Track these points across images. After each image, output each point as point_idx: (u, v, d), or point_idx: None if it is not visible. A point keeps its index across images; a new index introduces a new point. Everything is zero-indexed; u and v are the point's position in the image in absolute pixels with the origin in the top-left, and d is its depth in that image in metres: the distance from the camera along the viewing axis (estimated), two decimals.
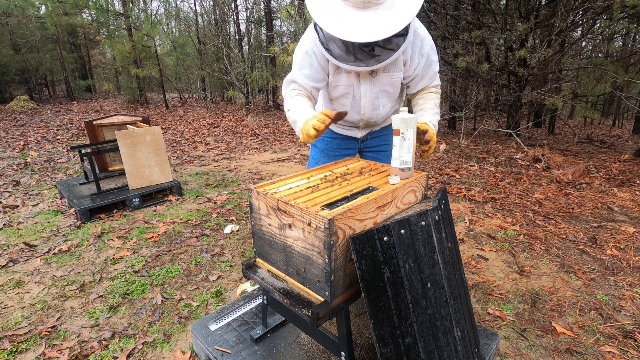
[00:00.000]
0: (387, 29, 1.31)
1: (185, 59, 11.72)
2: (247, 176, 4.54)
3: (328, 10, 1.39)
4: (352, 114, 1.72)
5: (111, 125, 3.91)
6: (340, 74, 1.59)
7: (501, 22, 6.21)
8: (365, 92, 1.62)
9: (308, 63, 1.55)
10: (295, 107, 1.54)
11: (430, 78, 1.64)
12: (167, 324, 1.92)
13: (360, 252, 1.09)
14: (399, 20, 1.32)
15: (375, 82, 1.59)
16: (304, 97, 1.59)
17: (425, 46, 1.53)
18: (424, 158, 5.25)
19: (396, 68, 1.56)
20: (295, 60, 1.59)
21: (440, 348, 1.13)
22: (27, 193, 3.84)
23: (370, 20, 1.33)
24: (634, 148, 6.07)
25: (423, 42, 1.52)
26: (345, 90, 1.63)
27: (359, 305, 1.76)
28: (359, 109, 1.69)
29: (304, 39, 1.57)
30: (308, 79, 1.58)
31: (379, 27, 1.32)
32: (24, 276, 2.34)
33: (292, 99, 1.59)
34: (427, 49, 1.54)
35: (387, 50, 1.42)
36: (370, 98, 1.63)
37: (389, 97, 1.68)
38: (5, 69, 11.95)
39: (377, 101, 1.66)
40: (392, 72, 1.57)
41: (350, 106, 1.69)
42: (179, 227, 3.04)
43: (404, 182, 1.33)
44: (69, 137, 6.84)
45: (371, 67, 1.46)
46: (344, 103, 1.69)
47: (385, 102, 1.68)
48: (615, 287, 2.22)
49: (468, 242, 2.81)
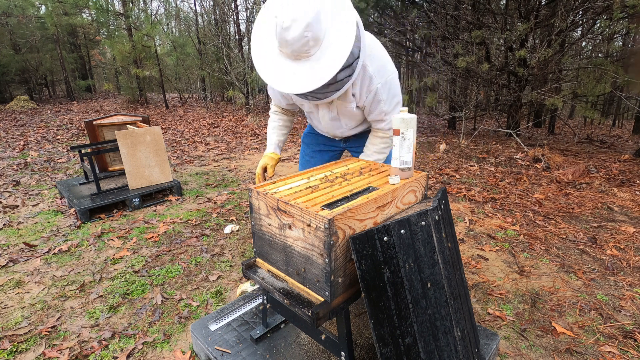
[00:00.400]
0: (313, 82, 1.35)
1: (185, 59, 11.73)
2: (247, 176, 4.54)
3: (265, 56, 1.45)
4: (320, 127, 1.89)
5: (111, 125, 3.91)
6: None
7: (501, 22, 6.21)
8: (323, 115, 1.74)
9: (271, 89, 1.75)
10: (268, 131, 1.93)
11: (378, 114, 1.64)
12: (167, 324, 1.92)
13: (360, 252, 1.09)
14: (324, 74, 1.36)
15: (332, 107, 1.68)
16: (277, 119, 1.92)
17: (373, 84, 1.54)
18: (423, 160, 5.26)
19: (347, 99, 1.60)
20: None
21: (440, 348, 1.13)
22: (27, 193, 3.84)
23: (300, 72, 1.38)
24: (634, 148, 6.07)
25: (372, 80, 1.54)
26: (309, 109, 1.80)
27: (359, 305, 1.76)
28: (321, 128, 1.88)
29: None
30: (279, 102, 1.84)
31: (306, 80, 1.37)
32: (24, 276, 2.34)
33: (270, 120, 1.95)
34: (375, 87, 1.55)
35: (326, 93, 1.48)
36: (328, 120, 1.76)
37: (351, 118, 1.73)
38: (5, 69, 11.95)
39: (338, 122, 1.76)
40: (345, 102, 1.62)
41: (315, 124, 1.90)
42: (179, 227, 3.04)
43: (404, 182, 1.33)
44: (69, 137, 6.84)
45: (316, 102, 1.60)
46: (311, 118, 1.88)
47: (348, 122, 1.76)
48: (615, 287, 2.22)
49: (468, 242, 2.81)
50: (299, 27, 1.30)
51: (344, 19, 1.35)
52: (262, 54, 1.46)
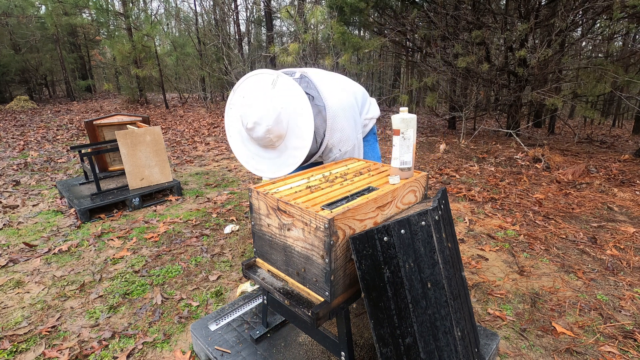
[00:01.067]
0: (281, 169, 1.58)
1: (185, 59, 11.72)
2: (247, 176, 4.54)
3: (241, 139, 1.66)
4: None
5: (111, 125, 3.91)
6: None
7: (501, 22, 6.21)
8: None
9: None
10: None
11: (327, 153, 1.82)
12: (167, 324, 1.92)
13: (360, 252, 1.09)
14: (286, 166, 1.57)
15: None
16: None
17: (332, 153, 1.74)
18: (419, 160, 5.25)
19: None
20: None
21: (440, 348, 1.13)
22: (27, 193, 3.84)
23: (267, 160, 1.61)
24: (634, 148, 6.07)
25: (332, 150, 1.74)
26: None
27: (359, 305, 1.76)
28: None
29: None
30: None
31: (275, 167, 1.60)
32: (24, 276, 2.34)
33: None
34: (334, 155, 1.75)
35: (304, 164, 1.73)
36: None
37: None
38: (5, 69, 11.95)
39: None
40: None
41: None
42: (179, 227, 3.04)
43: (404, 182, 1.33)
44: (69, 137, 6.84)
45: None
46: None
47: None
48: (615, 287, 2.22)
49: (468, 242, 2.81)
50: (261, 130, 1.47)
51: (303, 121, 1.52)
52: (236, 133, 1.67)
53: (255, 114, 1.46)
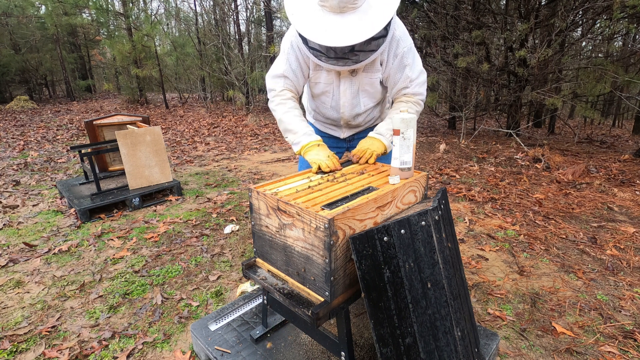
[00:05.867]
0: (363, 32, 1.31)
1: (185, 59, 11.72)
2: (247, 176, 4.54)
3: (306, 14, 1.39)
4: (332, 112, 1.75)
5: (111, 125, 3.91)
6: (320, 71, 1.61)
7: (501, 22, 6.21)
8: (344, 90, 1.64)
9: (294, 56, 1.58)
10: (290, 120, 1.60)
11: (403, 81, 1.60)
12: (167, 324, 1.92)
13: (360, 252, 1.09)
14: (375, 23, 1.32)
15: (355, 81, 1.61)
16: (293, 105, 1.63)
17: (400, 47, 1.52)
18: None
19: (374, 68, 1.57)
20: (283, 49, 1.61)
21: (440, 348, 1.13)
22: (27, 193, 3.84)
23: (347, 25, 1.33)
24: (634, 148, 6.07)
25: (399, 43, 1.52)
26: (325, 88, 1.66)
27: (359, 305, 1.76)
28: (338, 108, 1.72)
29: (291, 30, 1.59)
30: (296, 73, 1.61)
31: (355, 31, 1.32)
32: (24, 276, 2.34)
33: (285, 108, 1.62)
34: (402, 50, 1.53)
35: (366, 52, 1.44)
36: (349, 97, 1.65)
37: (369, 96, 1.68)
38: (5, 69, 11.95)
39: (357, 99, 1.67)
40: (371, 72, 1.59)
41: (330, 105, 1.72)
42: (179, 227, 3.04)
43: (404, 182, 1.33)
44: (69, 137, 6.84)
45: (350, 67, 1.49)
46: (324, 101, 1.73)
47: (366, 102, 1.70)
48: (615, 287, 2.22)
49: (468, 242, 2.81)
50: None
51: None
52: (300, 14, 1.40)
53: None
